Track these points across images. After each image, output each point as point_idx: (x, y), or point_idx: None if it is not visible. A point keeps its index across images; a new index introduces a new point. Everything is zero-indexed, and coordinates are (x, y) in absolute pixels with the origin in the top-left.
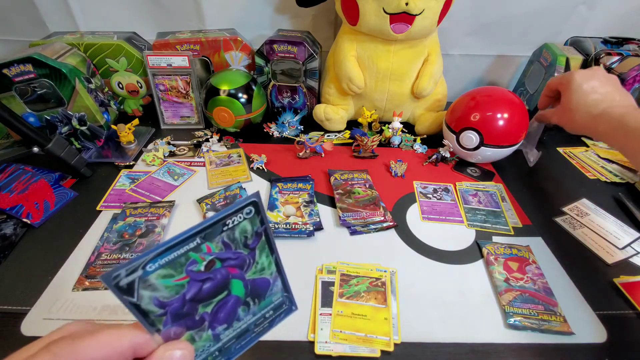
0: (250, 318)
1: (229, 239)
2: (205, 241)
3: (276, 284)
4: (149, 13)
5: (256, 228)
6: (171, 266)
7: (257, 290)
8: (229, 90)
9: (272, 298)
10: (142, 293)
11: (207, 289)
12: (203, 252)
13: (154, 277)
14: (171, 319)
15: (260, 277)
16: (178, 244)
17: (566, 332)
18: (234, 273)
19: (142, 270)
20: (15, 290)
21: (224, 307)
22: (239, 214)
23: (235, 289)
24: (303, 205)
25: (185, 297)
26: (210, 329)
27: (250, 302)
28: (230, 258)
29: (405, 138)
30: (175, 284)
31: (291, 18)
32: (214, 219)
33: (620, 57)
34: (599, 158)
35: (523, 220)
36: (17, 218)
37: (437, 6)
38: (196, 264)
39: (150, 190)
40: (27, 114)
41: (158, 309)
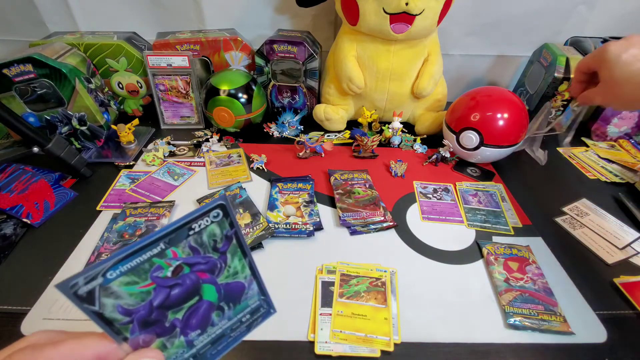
0: (226, 323)
1: (196, 243)
2: (170, 246)
3: (252, 287)
4: (149, 13)
5: (225, 231)
6: (134, 273)
7: (232, 294)
8: (229, 90)
9: (248, 302)
10: (104, 301)
11: (175, 295)
12: (168, 258)
13: (116, 285)
14: (139, 327)
15: (234, 280)
16: (140, 250)
17: (566, 332)
18: (205, 278)
19: (103, 278)
20: (15, 290)
21: (195, 313)
22: (205, 218)
23: (207, 294)
24: (303, 205)
25: (153, 304)
26: (183, 335)
27: (224, 307)
28: (200, 262)
29: (405, 138)
30: (140, 290)
31: (291, 18)
32: (177, 224)
33: None
34: (599, 158)
35: (523, 220)
36: (17, 218)
37: (437, 6)
38: (162, 270)
39: (150, 190)
40: (27, 114)
41: (123, 316)
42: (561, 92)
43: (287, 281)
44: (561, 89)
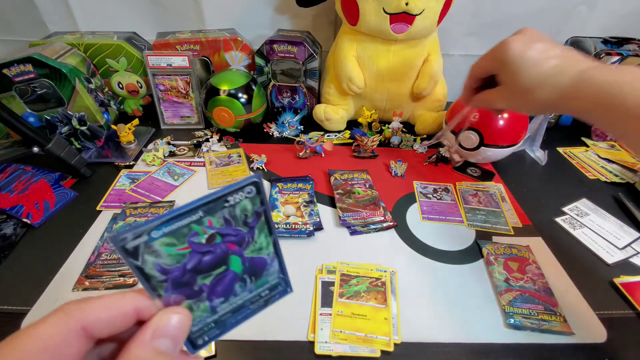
0: (247, 295)
1: (230, 216)
2: (207, 215)
3: (273, 264)
4: (149, 13)
5: (256, 208)
6: (174, 235)
7: (255, 268)
8: (229, 90)
9: (268, 278)
10: (146, 258)
11: (206, 261)
12: (205, 226)
13: (158, 244)
14: (172, 287)
15: (258, 256)
16: (182, 214)
17: (566, 332)
18: (233, 249)
19: (148, 236)
20: (15, 290)
21: (221, 281)
22: (240, 192)
23: (233, 265)
24: (303, 205)
25: (186, 267)
26: (208, 300)
27: (247, 279)
28: (231, 234)
29: (405, 138)
30: (177, 253)
31: (291, 18)
32: (216, 195)
33: (620, 57)
34: (599, 158)
35: (523, 220)
36: (17, 218)
37: (437, 6)
38: (198, 236)
39: (150, 190)
40: (27, 114)
41: (160, 274)
42: None
43: None
44: None
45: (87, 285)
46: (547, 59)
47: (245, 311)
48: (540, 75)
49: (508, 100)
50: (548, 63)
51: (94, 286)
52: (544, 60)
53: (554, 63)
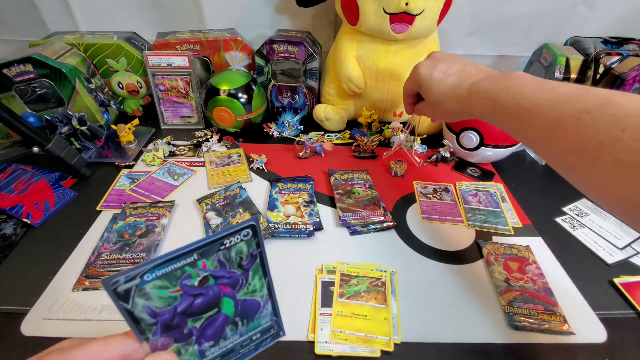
0: (237, 338)
1: (224, 258)
2: (202, 258)
3: (266, 307)
4: (149, 13)
5: (252, 250)
6: (167, 278)
7: (247, 311)
8: (229, 90)
9: (261, 321)
10: (136, 301)
11: (198, 304)
12: (198, 268)
13: (150, 287)
14: (160, 330)
15: (251, 298)
16: (176, 257)
17: (566, 332)
18: (226, 291)
19: (140, 279)
20: (15, 290)
21: (212, 324)
22: (236, 235)
23: (225, 307)
24: (303, 205)
25: (177, 310)
26: (197, 344)
27: (238, 322)
28: (224, 276)
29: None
30: (169, 295)
31: (291, 18)
32: (212, 238)
33: (620, 57)
34: None
35: (523, 220)
36: (17, 218)
37: (437, 6)
38: (191, 279)
39: (150, 190)
40: (27, 114)
41: (150, 317)
42: None
43: (287, 281)
44: None
45: (87, 285)
46: (448, 76)
47: (235, 355)
48: (444, 89)
49: (429, 110)
50: (449, 80)
51: (94, 286)
52: (445, 77)
53: (452, 79)
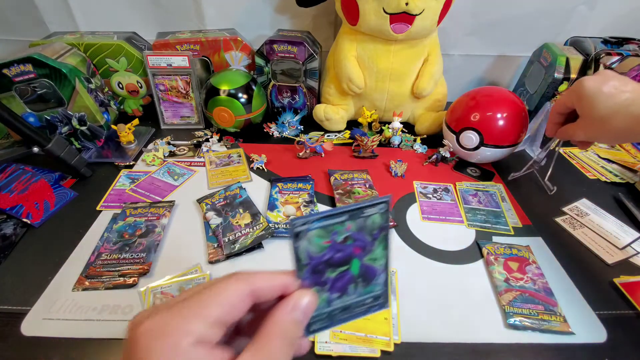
0: (355, 297)
1: (363, 224)
2: (349, 220)
3: (381, 276)
4: (149, 13)
5: (382, 223)
6: (324, 230)
7: (367, 275)
8: (229, 90)
9: (374, 287)
10: (302, 242)
11: (337, 258)
12: (345, 228)
13: (312, 234)
14: (310, 271)
15: (372, 265)
16: (333, 215)
17: (566, 332)
18: (357, 253)
19: (309, 225)
20: (15, 290)
21: (342, 279)
22: (375, 207)
23: (353, 267)
24: (303, 205)
25: (323, 258)
26: (329, 292)
27: (359, 283)
28: (359, 240)
29: (405, 138)
30: (322, 245)
31: (291, 18)
32: (358, 206)
33: (620, 57)
34: (599, 158)
35: (523, 220)
36: (17, 218)
37: (437, 6)
38: (338, 235)
39: (150, 190)
40: (27, 114)
41: (306, 259)
42: (561, 92)
43: None
44: (561, 89)
45: (87, 285)
46: (621, 92)
47: (349, 312)
48: (615, 105)
49: (586, 130)
50: (622, 96)
51: (94, 286)
52: (618, 93)
53: (627, 96)
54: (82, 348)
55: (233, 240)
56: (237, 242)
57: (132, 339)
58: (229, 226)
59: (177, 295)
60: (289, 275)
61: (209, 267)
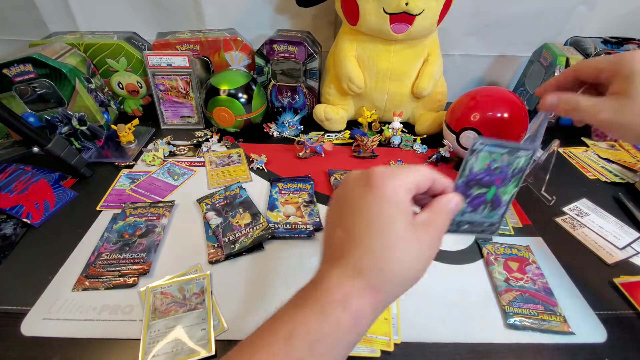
0: (479, 217)
1: (512, 162)
2: (506, 154)
3: (502, 209)
4: (149, 13)
5: (524, 166)
6: (489, 154)
7: (495, 203)
8: (229, 90)
9: (494, 215)
10: (472, 158)
11: (485, 180)
12: (500, 160)
13: (481, 154)
14: (464, 183)
15: (502, 196)
16: (501, 146)
17: (566, 332)
18: (497, 183)
19: (483, 146)
20: (15, 290)
21: (479, 198)
22: (526, 151)
23: (490, 192)
24: (303, 205)
25: (477, 177)
26: (467, 204)
27: (487, 207)
28: (504, 172)
29: (405, 138)
30: (482, 166)
31: (291, 18)
32: (518, 146)
33: None
34: (599, 158)
35: (523, 220)
36: (17, 218)
37: (437, 6)
38: (494, 162)
39: (150, 190)
40: (27, 114)
41: (467, 172)
42: None
43: (287, 281)
44: None
45: (87, 285)
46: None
47: (471, 228)
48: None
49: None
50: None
51: (94, 286)
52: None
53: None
54: (82, 348)
55: (233, 240)
56: (237, 242)
57: (370, 175)
58: (229, 226)
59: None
60: (450, 182)
61: (209, 267)
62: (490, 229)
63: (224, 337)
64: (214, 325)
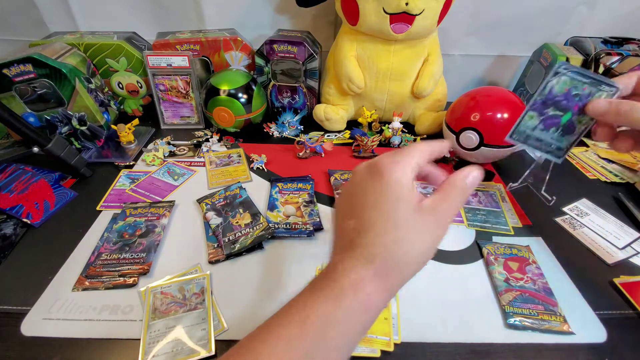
0: (548, 138)
1: (593, 93)
2: (589, 85)
3: (574, 136)
4: (149, 13)
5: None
6: (571, 80)
7: (567, 129)
8: (229, 90)
9: (563, 140)
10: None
11: (562, 104)
12: (582, 88)
13: (563, 79)
14: (541, 102)
15: (576, 125)
16: (585, 75)
17: (566, 332)
18: (574, 109)
19: (565, 70)
20: (15, 290)
21: (552, 119)
22: (610, 89)
23: (565, 117)
24: (303, 205)
25: (555, 98)
26: (540, 122)
27: (558, 130)
28: (582, 102)
29: (405, 138)
30: (562, 89)
31: (291, 18)
32: (603, 80)
33: (620, 57)
34: (599, 158)
35: (523, 220)
36: (17, 218)
37: (437, 6)
38: (574, 89)
39: (150, 190)
40: (27, 114)
41: (547, 92)
42: None
43: (287, 281)
44: None
45: (87, 285)
46: None
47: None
48: None
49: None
50: None
51: (94, 286)
52: None
53: None
54: (82, 348)
55: (233, 240)
56: (237, 242)
57: (375, 165)
58: (229, 226)
59: (176, 294)
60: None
61: (209, 267)
62: (557, 153)
63: (224, 337)
64: (214, 325)
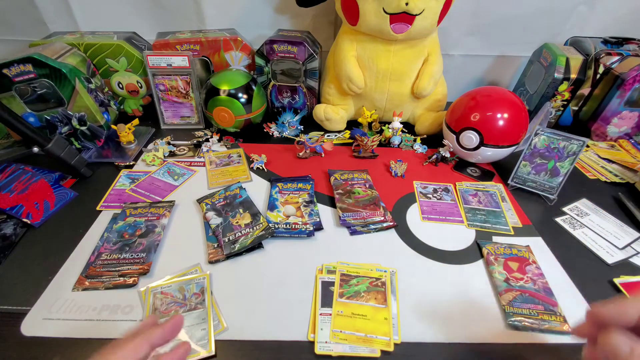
0: (540, 179)
1: (567, 146)
2: (562, 140)
3: (560, 177)
4: (149, 13)
5: (576, 151)
6: (549, 139)
7: (554, 172)
8: (229, 90)
9: (553, 181)
10: (535, 138)
11: (545, 155)
12: (557, 143)
13: (542, 136)
14: (530, 153)
15: (559, 168)
16: (558, 135)
17: (566, 332)
18: (556, 158)
19: (542, 132)
20: (15, 290)
21: (540, 166)
22: (577, 142)
23: (550, 164)
24: (303, 205)
25: (539, 151)
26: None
27: (547, 174)
28: (561, 153)
29: (405, 138)
30: (542, 145)
31: (291, 18)
32: (571, 137)
33: (620, 57)
34: (599, 158)
35: (523, 220)
36: (17, 218)
37: (437, 6)
38: (552, 144)
39: (150, 190)
40: (27, 114)
41: (532, 147)
42: (561, 92)
43: (287, 281)
44: (561, 89)
45: (87, 285)
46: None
47: (535, 185)
48: None
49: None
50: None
51: (94, 286)
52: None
53: None
54: (82, 348)
55: (233, 240)
56: (237, 242)
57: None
58: (229, 226)
59: (176, 294)
60: None
61: (209, 267)
62: (550, 191)
63: (224, 337)
64: (213, 325)
